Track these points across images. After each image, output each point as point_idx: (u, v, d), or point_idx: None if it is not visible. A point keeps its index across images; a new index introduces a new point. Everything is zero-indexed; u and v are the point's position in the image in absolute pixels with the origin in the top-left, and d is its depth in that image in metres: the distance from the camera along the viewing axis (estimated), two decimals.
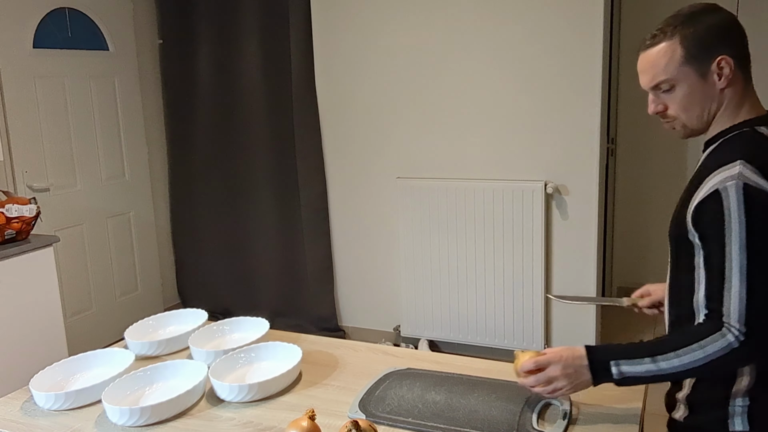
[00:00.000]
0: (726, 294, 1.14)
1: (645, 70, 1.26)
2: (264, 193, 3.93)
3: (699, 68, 1.21)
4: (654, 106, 1.28)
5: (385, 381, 1.40)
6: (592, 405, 1.28)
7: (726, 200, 1.14)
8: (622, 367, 1.17)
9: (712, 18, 1.21)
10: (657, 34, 1.23)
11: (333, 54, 3.61)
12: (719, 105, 1.24)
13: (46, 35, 3.48)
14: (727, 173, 1.15)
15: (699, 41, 1.20)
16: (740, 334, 1.12)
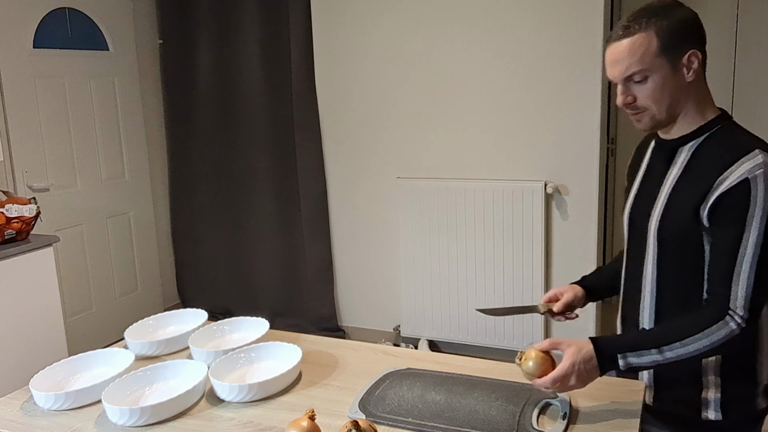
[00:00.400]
0: (735, 278, 1.19)
1: (618, 60, 1.24)
2: (264, 193, 3.93)
3: (671, 60, 1.23)
4: (624, 98, 1.28)
5: (385, 381, 1.40)
6: (592, 405, 1.28)
7: (755, 188, 1.17)
8: (629, 359, 1.21)
9: (682, 12, 1.23)
10: (630, 25, 1.23)
11: (333, 54, 3.61)
12: (686, 99, 1.27)
13: (46, 35, 3.48)
14: (751, 162, 1.18)
15: (673, 34, 1.22)
16: (742, 321, 1.18)
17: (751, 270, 1.18)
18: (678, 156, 1.31)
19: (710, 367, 1.31)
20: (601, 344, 1.22)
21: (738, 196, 1.18)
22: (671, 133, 1.33)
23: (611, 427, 1.19)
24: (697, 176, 1.25)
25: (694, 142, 1.30)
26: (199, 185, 4.13)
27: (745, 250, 1.18)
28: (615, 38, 1.25)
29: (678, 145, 1.32)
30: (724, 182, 1.20)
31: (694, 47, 1.24)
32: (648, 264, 1.35)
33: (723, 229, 1.21)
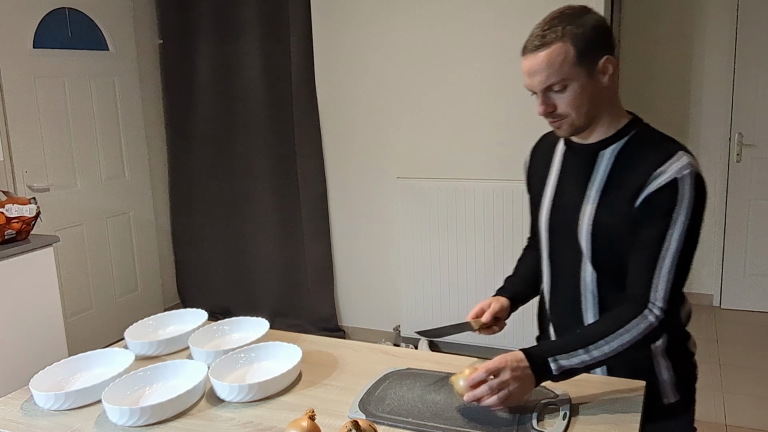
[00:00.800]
0: (657, 273, 1.25)
1: (537, 71, 1.25)
2: (264, 193, 3.93)
3: (588, 68, 1.25)
4: (545, 107, 1.29)
5: (385, 381, 1.40)
6: (592, 405, 1.28)
7: (682, 188, 1.23)
8: (560, 361, 1.24)
9: (594, 19, 1.26)
10: (545, 35, 1.24)
11: (333, 54, 3.61)
12: (602, 104, 1.30)
13: (46, 35, 3.48)
14: (679, 163, 1.24)
15: (588, 41, 1.24)
16: (661, 313, 1.25)
17: (672, 265, 1.24)
18: (600, 159, 1.34)
19: (657, 351, 1.38)
20: (531, 351, 1.25)
21: (666, 195, 1.23)
22: (589, 138, 1.36)
23: (611, 427, 1.19)
24: (626, 178, 1.29)
25: (615, 146, 1.33)
26: (199, 185, 4.13)
27: (669, 245, 1.24)
28: (532, 49, 1.26)
29: (599, 149, 1.35)
30: (654, 182, 1.25)
31: (608, 53, 1.27)
32: (585, 268, 1.38)
33: (648, 227, 1.26)
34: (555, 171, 1.44)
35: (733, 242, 4.05)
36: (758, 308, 4.06)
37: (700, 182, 1.24)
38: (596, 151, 1.35)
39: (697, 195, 1.23)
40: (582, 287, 1.39)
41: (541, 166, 1.50)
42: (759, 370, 3.28)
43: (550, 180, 1.45)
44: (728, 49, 3.90)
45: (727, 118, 3.96)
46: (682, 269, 1.25)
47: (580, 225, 1.35)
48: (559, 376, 1.24)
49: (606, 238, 1.32)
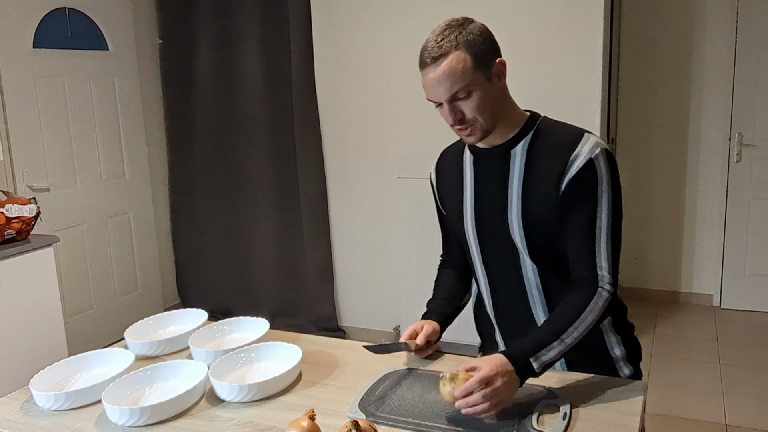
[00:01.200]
0: (597, 251, 1.32)
1: (440, 81, 1.29)
2: (264, 193, 3.93)
3: (485, 72, 1.30)
4: (453, 116, 1.32)
5: (385, 381, 1.40)
6: (592, 405, 1.28)
7: (599, 167, 1.30)
8: (541, 358, 1.26)
9: (479, 26, 1.32)
10: (441, 45, 1.29)
11: (333, 54, 3.61)
12: (502, 104, 1.36)
13: (46, 35, 3.48)
14: (589, 144, 1.31)
15: (480, 47, 1.30)
16: (611, 287, 1.32)
17: (607, 240, 1.31)
18: (513, 158, 1.38)
19: (606, 326, 1.44)
20: (512, 354, 1.25)
21: (586, 177, 1.30)
22: (495, 140, 1.39)
23: (611, 427, 1.19)
24: (544, 167, 1.34)
25: (524, 141, 1.38)
26: (199, 185, 4.13)
27: (601, 223, 1.31)
28: (430, 62, 1.30)
29: (508, 148, 1.39)
30: (572, 167, 1.31)
31: (499, 55, 1.33)
32: (524, 264, 1.41)
33: (576, 210, 1.32)
34: (469, 180, 1.46)
35: (733, 242, 4.05)
36: (758, 308, 4.06)
37: (612, 157, 1.32)
38: (507, 150, 1.39)
39: (612, 170, 1.31)
40: (526, 283, 1.43)
41: (451, 180, 1.51)
42: (759, 370, 3.28)
43: (466, 190, 1.46)
44: (728, 49, 3.90)
45: (727, 118, 3.96)
46: (616, 241, 1.33)
47: (511, 223, 1.38)
48: (540, 371, 1.27)
49: (538, 228, 1.36)
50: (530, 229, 1.36)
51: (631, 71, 4.14)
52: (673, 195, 4.17)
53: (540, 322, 1.43)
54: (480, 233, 1.45)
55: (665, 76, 4.07)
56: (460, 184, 1.48)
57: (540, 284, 1.41)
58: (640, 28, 4.07)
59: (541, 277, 1.41)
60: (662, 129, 4.13)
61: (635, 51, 4.11)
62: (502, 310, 1.50)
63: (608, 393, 1.32)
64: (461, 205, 1.48)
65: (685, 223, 4.19)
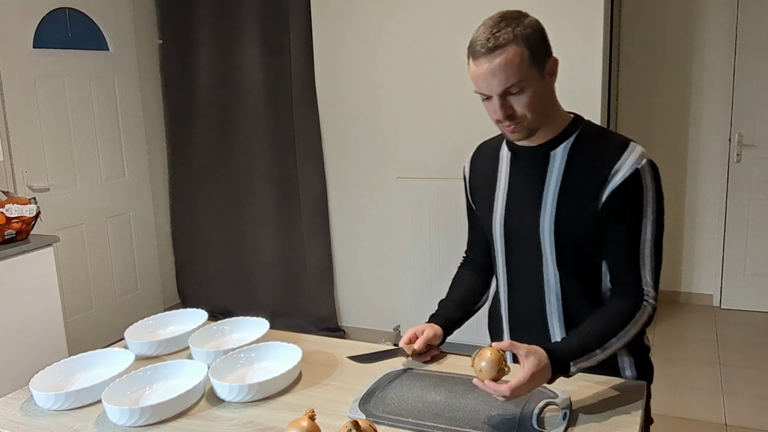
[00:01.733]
0: (642, 264, 1.30)
1: (495, 74, 1.23)
2: (264, 193, 3.93)
3: (540, 69, 1.27)
4: (503, 111, 1.28)
5: (385, 381, 1.40)
6: (592, 405, 1.28)
7: (644, 178, 1.27)
8: (580, 363, 1.25)
9: (533, 21, 1.27)
10: (498, 36, 1.23)
11: (333, 54, 3.61)
12: (551, 104, 1.33)
13: (46, 35, 3.48)
14: (634, 154, 1.28)
15: (537, 43, 1.25)
16: (654, 301, 1.30)
17: (652, 254, 1.30)
18: (553, 160, 1.35)
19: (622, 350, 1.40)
20: (556, 354, 1.23)
21: (632, 187, 1.27)
22: (536, 138, 1.36)
23: (611, 427, 1.19)
24: (585, 174, 1.31)
25: (565, 144, 1.34)
26: (199, 185, 4.13)
27: (646, 236, 1.29)
28: (486, 51, 1.23)
29: (548, 149, 1.35)
30: (616, 176, 1.27)
31: (551, 54, 1.30)
32: (547, 268, 1.38)
33: (622, 222, 1.29)
34: (504, 177, 1.43)
35: (733, 242, 4.05)
36: (758, 308, 4.06)
37: (656, 169, 1.29)
38: (547, 152, 1.35)
39: (657, 182, 1.28)
40: (546, 290, 1.40)
41: (486, 175, 1.48)
42: (759, 370, 3.28)
43: (499, 187, 1.44)
44: (728, 49, 3.90)
45: (727, 118, 3.96)
46: (659, 254, 1.31)
47: (542, 227, 1.35)
48: (572, 375, 1.25)
49: (569, 236, 1.33)
50: (561, 234, 1.33)
51: (631, 71, 4.14)
52: (673, 195, 4.17)
53: (554, 332, 1.41)
54: (507, 232, 1.42)
55: (665, 76, 4.07)
56: (494, 180, 1.45)
57: (560, 293, 1.38)
58: (640, 28, 4.07)
59: (562, 286, 1.38)
60: (662, 129, 4.13)
61: (635, 51, 4.11)
62: (516, 313, 1.47)
63: (608, 393, 1.32)
64: (492, 202, 1.45)
65: (685, 223, 4.19)
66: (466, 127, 3.36)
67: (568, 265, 1.36)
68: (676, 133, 4.11)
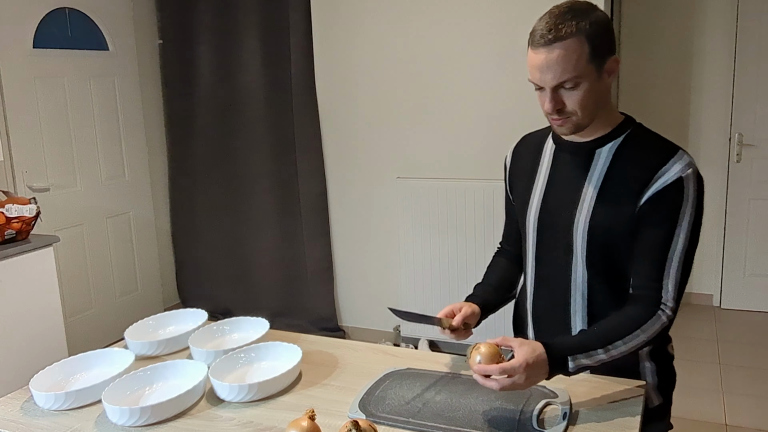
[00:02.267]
0: (666, 273, 1.26)
1: (551, 66, 1.21)
2: (264, 193, 3.93)
3: (598, 66, 1.24)
4: (554, 104, 1.25)
5: (385, 381, 1.40)
6: (592, 405, 1.28)
7: (687, 187, 1.24)
8: (579, 360, 1.23)
9: (603, 16, 1.23)
10: (559, 28, 1.19)
11: (333, 54, 3.61)
12: (604, 103, 1.30)
13: (46, 35, 3.48)
14: (682, 162, 1.25)
15: (600, 39, 1.22)
16: (672, 312, 1.28)
17: (680, 265, 1.26)
18: (597, 158, 1.33)
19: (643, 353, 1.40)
20: (553, 347, 1.22)
21: (672, 194, 1.24)
22: (584, 135, 1.34)
23: (611, 427, 1.19)
24: (627, 175, 1.28)
25: (612, 144, 1.33)
26: (199, 185, 4.13)
27: (677, 246, 1.25)
28: (546, 42, 1.20)
29: (595, 146, 1.34)
30: (659, 180, 1.25)
31: (614, 53, 1.26)
32: (576, 266, 1.36)
33: (655, 226, 1.26)
34: (544, 170, 1.42)
35: (733, 242, 4.05)
36: (758, 308, 4.06)
37: (701, 181, 1.26)
38: (592, 149, 1.34)
39: (699, 194, 1.25)
40: (572, 288, 1.38)
41: (526, 167, 1.47)
42: (759, 370, 3.28)
43: (538, 179, 1.42)
44: (728, 49, 3.90)
45: (727, 118, 3.96)
46: (687, 268, 1.27)
47: (576, 223, 1.33)
48: (572, 372, 1.24)
49: (602, 236, 1.31)
50: (594, 234, 1.31)
51: (631, 71, 4.14)
52: None
53: (576, 331, 1.40)
54: (541, 226, 1.41)
55: (665, 76, 4.07)
56: (534, 172, 1.44)
57: (586, 292, 1.37)
58: (640, 28, 4.07)
59: (589, 286, 1.36)
60: (662, 129, 4.13)
61: (635, 51, 4.11)
62: (541, 308, 1.46)
63: (608, 393, 1.32)
64: (530, 194, 1.43)
65: None
66: (467, 127, 3.36)
67: (597, 265, 1.34)
68: (676, 133, 4.11)
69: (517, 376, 1.17)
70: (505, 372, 1.17)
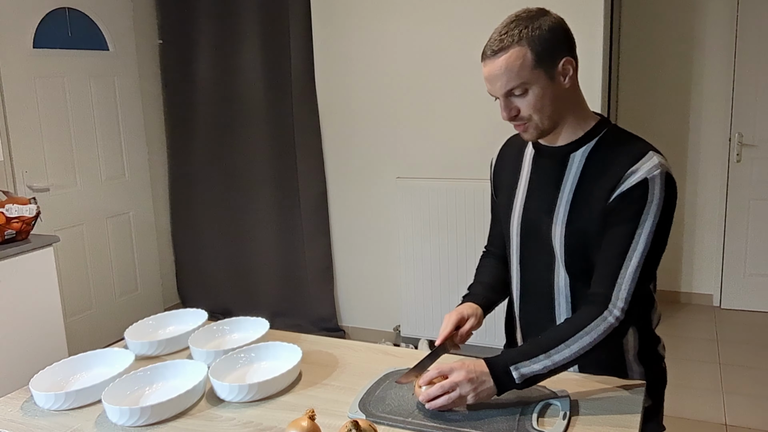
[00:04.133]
0: (621, 274, 1.24)
1: (497, 76, 1.25)
2: (264, 193, 3.93)
3: (548, 70, 1.25)
4: (508, 112, 1.29)
5: (385, 381, 1.40)
6: (592, 405, 1.28)
7: (652, 189, 1.23)
8: (521, 369, 1.23)
9: (551, 21, 1.25)
10: (502, 39, 1.24)
11: (333, 54, 3.61)
12: (566, 105, 1.30)
13: (46, 35, 3.48)
14: (649, 164, 1.24)
15: (545, 44, 1.23)
16: (621, 313, 1.24)
17: (637, 265, 1.23)
18: (571, 162, 1.34)
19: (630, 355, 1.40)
20: (492, 360, 1.24)
21: (636, 195, 1.23)
22: (557, 140, 1.35)
23: (611, 427, 1.19)
24: (599, 178, 1.29)
25: (586, 147, 1.33)
26: (199, 185, 4.13)
27: (636, 247, 1.23)
28: (490, 55, 1.25)
29: (569, 151, 1.34)
30: (626, 182, 1.24)
31: (567, 54, 1.26)
32: (558, 270, 1.37)
33: (616, 226, 1.25)
34: (525, 174, 1.43)
35: (733, 242, 4.05)
36: (758, 308, 4.06)
37: (671, 182, 1.25)
38: (567, 153, 1.35)
39: (666, 196, 1.23)
40: (556, 292, 1.39)
41: (509, 170, 1.48)
42: (759, 370, 3.28)
43: (520, 185, 1.43)
44: (728, 49, 3.90)
45: (727, 118, 3.96)
46: (648, 270, 1.24)
47: (554, 228, 1.34)
48: (522, 384, 1.23)
49: (579, 240, 1.31)
50: (571, 238, 1.32)
51: (631, 71, 4.14)
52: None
53: None
54: (523, 232, 1.42)
55: (665, 76, 4.07)
56: (517, 177, 1.45)
57: (569, 296, 1.37)
58: (640, 28, 4.07)
59: (571, 289, 1.37)
60: (662, 129, 4.13)
61: (635, 51, 4.11)
62: (527, 312, 1.47)
63: (608, 393, 1.32)
64: (513, 199, 1.44)
65: (685, 223, 4.19)
66: (467, 127, 3.36)
67: (578, 268, 1.34)
68: (676, 133, 4.11)
69: (454, 373, 1.21)
70: (442, 371, 1.22)
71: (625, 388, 1.34)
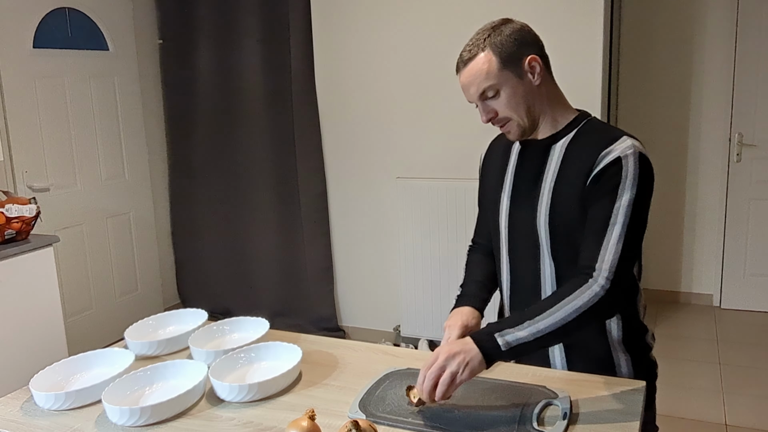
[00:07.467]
0: (603, 246, 1.27)
1: (470, 83, 1.35)
2: (264, 193, 3.93)
3: (515, 70, 1.33)
4: (486, 115, 1.38)
5: (385, 381, 1.40)
6: (592, 405, 1.28)
7: (626, 165, 1.28)
8: (507, 336, 1.23)
9: (511, 26, 1.35)
10: (470, 50, 1.34)
11: (333, 54, 3.61)
12: (540, 101, 1.37)
13: (46, 35, 3.48)
14: (623, 145, 1.30)
15: (507, 46, 1.33)
16: (606, 282, 1.25)
17: (619, 237, 1.26)
18: (552, 153, 1.40)
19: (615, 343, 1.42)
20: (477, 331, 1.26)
21: (610, 173, 1.28)
22: (538, 134, 1.42)
23: (611, 427, 1.19)
24: (576, 166, 1.34)
25: (565, 139, 1.39)
26: (199, 185, 4.13)
27: (616, 219, 1.27)
28: (462, 66, 1.35)
29: (550, 143, 1.40)
30: (601, 163, 1.30)
31: (531, 52, 1.34)
32: (544, 259, 1.41)
33: (595, 204, 1.30)
34: (511, 169, 1.48)
35: (733, 242, 4.05)
36: (758, 308, 4.06)
37: (645, 161, 1.29)
38: (548, 146, 1.40)
39: (641, 172, 1.27)
40: (542, 281, 1.43)
41: (497, 165, 1.53)
42: (759, 370, 3.28)
43: (507, 179, 1.48)
44: (728, 49, 3.90)
45: (727, 118, 3.96)
46: (630, 244, 1.26)
47: (538, 217, 1.39)
48: (508, 352, 1.22)
49: (563, 227, 1.36)
50: (555, 225, 1.36)
51: (631, 71, 4.14)
52: (673, 195, 4.17)
53: None
54: (510, 224, 1.46)
55: (665, 76, 4.07)
56: (504, 172, 1.49)
57: (555, 284, 1.41)
58: (640, 27, 4.07)
59: (557, 277, 1.40)
60: (662, 129, 4.13)
61: (635, 50, 4.11)
62: (516, 303, 1.50)
63: (608, 393, 1.32)
64: (500, 193, 1.49)
65: (685, 223, 4.19)
66: (466, 127, 3.36)
67: (563, 256, 1.38)
68: (676, 133, 4.11)
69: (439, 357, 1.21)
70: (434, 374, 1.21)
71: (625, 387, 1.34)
